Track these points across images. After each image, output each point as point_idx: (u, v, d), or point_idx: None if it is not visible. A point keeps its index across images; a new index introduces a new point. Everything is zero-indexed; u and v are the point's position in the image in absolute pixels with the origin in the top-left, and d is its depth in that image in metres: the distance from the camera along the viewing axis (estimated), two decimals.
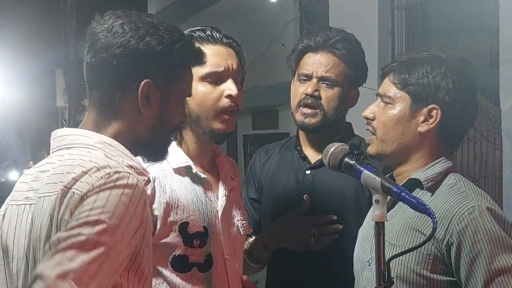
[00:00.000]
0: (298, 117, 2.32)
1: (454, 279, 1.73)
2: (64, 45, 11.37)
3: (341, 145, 1.65)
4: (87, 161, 1.40)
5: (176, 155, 1.94)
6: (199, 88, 1.95)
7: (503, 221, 1.73)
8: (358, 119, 2.49)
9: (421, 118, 1.85)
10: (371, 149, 1.92)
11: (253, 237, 2.39)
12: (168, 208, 1.84)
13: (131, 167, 1.47)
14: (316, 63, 2.30)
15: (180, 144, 2.01)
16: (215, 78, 1.96)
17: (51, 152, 1.53)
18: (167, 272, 1.83)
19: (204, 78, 1.95)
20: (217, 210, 1.95)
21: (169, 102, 1.54)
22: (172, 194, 1.88)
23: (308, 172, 2.35)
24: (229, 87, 1.97)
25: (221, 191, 2.01)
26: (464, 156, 4.38)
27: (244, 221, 2.06)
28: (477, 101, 1.94)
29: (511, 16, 3.79)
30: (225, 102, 1.97)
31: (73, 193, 1.35)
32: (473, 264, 1.68)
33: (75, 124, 11.46)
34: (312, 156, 2.37)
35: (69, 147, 1.48)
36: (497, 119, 3.99)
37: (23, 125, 12.65)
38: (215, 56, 1.97)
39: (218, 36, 2.01)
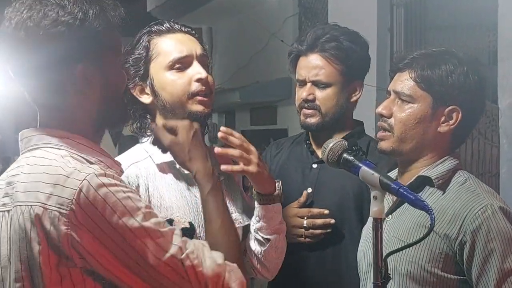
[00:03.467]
0: (301, 118, 2.38)
1: (464, 277, 1.74)
2: None
3: (340, 140, 1.66)
4: (56, 168, 1.38)
5: (159, 150, 1.94)
6: (168, 77, 1.95)
7: None
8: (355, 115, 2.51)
9: (442, 119, 1.85)
10: (385, 145, 1.90)
11: None
12: (152, 207, 1.83)
13: (100, 161, 1.46)
14: (308, 66, 2.33)
15: None
16: (180, 65, 1.96)
17: (20, 153, 1.51)
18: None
19: (170, 67, 1.96)
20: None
21: (110, 70, 1.51)
22: (155, 193, 1.88)
23: (314, 166, 2.38)
24: (197, 70, 1.96)
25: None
26: (462, 154, 4.39)
27: (237, 214, 2.04)
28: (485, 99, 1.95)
29: (509, 13, 3.80)
30: (195, 86, 1.96)
31: (58, 212, 1.33)
32: (485, 262, 1.69)
33: None
34: (320, 151, 2.39)
35: (36, 148, 1.46)
36: (495, 116, 3.99)
37: (20, 119, 12.62)
38: (177, 43, 1.97)
39: (177, 27, 2.01)
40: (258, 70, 6.57)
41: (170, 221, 1.85)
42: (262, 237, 2.00)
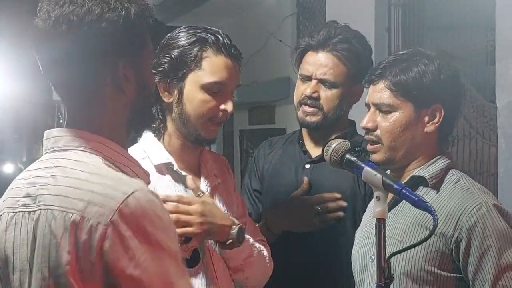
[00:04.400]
0: (300, 114, 2.36)
1: (461, 275, 1.76)
2: None
3: (343, 141, 1.67)
4: (93, 176, 1.34)
5: (157, 151, 1.94)
6: (199, 94, 1.95)
7: (508, 217, 1.77)
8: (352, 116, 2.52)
9: (426, 119, 1.87)
10: (377, 157, 1.90)
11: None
12: None
13: (131, 170, 1.44)
14: (316, 63, 2.32)
15: (162, 138, 2.02)
16: (216, 90, 1.97)
17: (44, 152, 1.46)
18: None
19: (205, 87, 1.96)
20: None
21: (144, 70, 1.49)
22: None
23: (307, 166, 2.38)
24: (228, 103, 1.99)
25: (203, 187, 2.01)
26: (460, 153, 4.40)
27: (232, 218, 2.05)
28: (463, 91, 1.96)
29: (507, 13, 3.81)
30: (219, 115, 1.99)
31: (97, 222, 1.29)
32: (482, 260, 1.71)
33: None
34: (313, 150, 2.40)
35: (65, 149, 1.42)
36: (493, 116, 4.01)
37: (19, 119, 12.61)
38: (224, 69, 1.97)
39: (230, 49, 2.01)
40: (256, 69, 6.57)
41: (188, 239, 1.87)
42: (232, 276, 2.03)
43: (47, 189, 1.36)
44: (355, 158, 1.60)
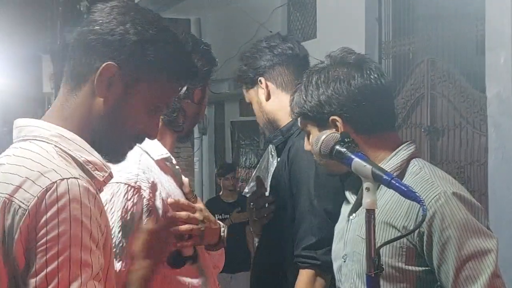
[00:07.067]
0: None
1: (428, 268, 1.74)
2: (51, 31, 11.29)
3: (332, 133, 1.67)
4: (34, 163, 1.34)
5: (156, 146, 1.94)
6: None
7: (470, 204, 1.73)
8: None
9: (334, 130, 1.80)
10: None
11: None
12: (165, 203, 1.84)
13: (89, 162, 1.42)
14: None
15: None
16: None
17: (13, 142, 1.47)
18: (165, 270, 1.82)
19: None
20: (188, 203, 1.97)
21: (132, 100, 1.45)
22: (163, 189, 1.88)
23: (274, 162, 2.44)
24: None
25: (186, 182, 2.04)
26: (450, 143, 4.42)
27: None
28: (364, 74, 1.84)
29: (497, 3, 3.82)
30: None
31: (18, 206, 1.29)
32: (443, 251, 1.69)
33: None
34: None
35: (25, 139, 1.43)
36: (483, 105, 4.02)
37: (9, 112, 12.53)
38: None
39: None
40: None
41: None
42: None
43: None
44: (344, 149, 1.59)
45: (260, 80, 2.32)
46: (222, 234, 1.97)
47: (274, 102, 2.31)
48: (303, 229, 2.12)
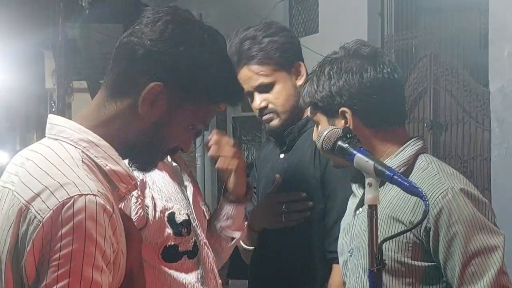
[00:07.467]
0: (265, 125, 2.39)
1: (434, 263, 1.74)
2: (53, 27, 11.28)
3: (334, 128, 1.66)
4: (56, 171, 1.31)
5: None
6: None
7: (477, 201, 1.72)
8: None
9: (342, 122, 1.81)
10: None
11: None
12: (155, 200, 1.84)
13: (114, 172, 1.40)
14: (244, 80, 2.28)
15: None
16: None
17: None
18: (159, 266, 1.82)
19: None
20: (188, 197, 1.97)
21: (174, 120, 1.43)
22: (155, 187, 1.88)
23: (282, 156, 2.39)
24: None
25: (185, 177, 2.03)
26: (453, 137, 4.41)
27: (205, 205, 2.08)
28: (373, 69, 1.82)
29: None
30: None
31: (34, 216, 1.27)
32: (450, 247, 1.68)
33: (63, 106, 11.40)
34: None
35: (54, 139, 1.41)
36: (486, 100, 4.01)
37: (11, 108, 12.58)
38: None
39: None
40: None
41: (173, 214, 1.86)
42: (227, 236, 2.07)
43: (20, 172, 1.37)
44: (347, 145, 1.58)
45: (299, 63, 2.31)
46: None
47: None
48: (338, 225, 2.11)
